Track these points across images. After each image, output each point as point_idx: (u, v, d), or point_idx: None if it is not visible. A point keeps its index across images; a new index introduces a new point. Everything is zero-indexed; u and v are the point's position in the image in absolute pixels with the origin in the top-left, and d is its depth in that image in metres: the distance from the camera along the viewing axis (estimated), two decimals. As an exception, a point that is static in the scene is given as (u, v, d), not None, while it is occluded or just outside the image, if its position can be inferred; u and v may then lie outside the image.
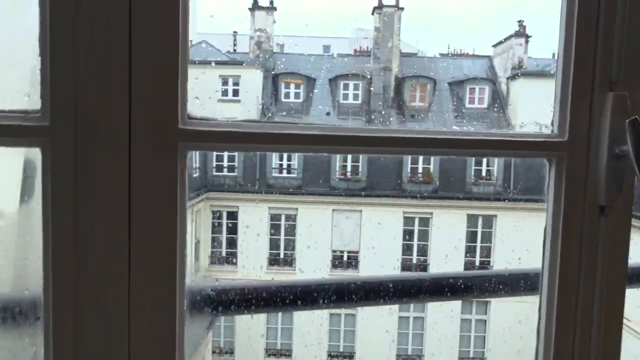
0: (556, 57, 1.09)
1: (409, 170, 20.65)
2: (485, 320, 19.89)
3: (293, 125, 0.91)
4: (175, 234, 0.88)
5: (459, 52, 25.28)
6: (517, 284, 1.28)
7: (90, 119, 0.83)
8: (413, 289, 1.20)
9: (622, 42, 1.07)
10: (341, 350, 20.02)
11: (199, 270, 18.92)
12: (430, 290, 1.20)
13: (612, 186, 1.07)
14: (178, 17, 0.84)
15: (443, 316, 19.39)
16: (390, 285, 1.15)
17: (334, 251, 20.25)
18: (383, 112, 21.74)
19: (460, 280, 1.22)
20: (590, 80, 1.07)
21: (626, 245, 1.13)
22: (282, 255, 20.57)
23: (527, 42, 21.40)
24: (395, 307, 19.68)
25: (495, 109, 21.49)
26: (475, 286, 1.25)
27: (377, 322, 19.32)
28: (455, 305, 19.73)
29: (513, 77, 21.06)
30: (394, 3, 22.10)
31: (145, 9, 0.83)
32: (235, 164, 20.34)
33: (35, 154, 0.84)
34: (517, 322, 19.00)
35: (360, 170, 20.87)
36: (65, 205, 0.83)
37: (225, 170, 20.57)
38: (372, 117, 21.65)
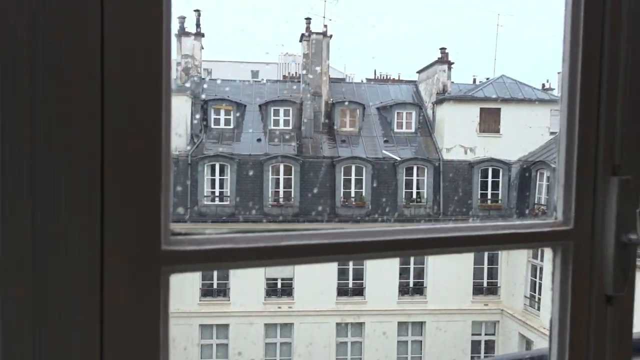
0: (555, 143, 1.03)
1: (342, 195, 20.79)
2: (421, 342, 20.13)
3: (292, 235, 0.79)
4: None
5: (385, 77, 25.96)
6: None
7: (51, 248, 0.67)
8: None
9: (624, 125, 1.03)
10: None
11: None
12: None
13: (619, 275, 1.02)
14: (161, 112, 0.70)
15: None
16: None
17: (268, 279, 19.94)
18: (314, 138, 21.87)
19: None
20: (593, 165, 1.02)
21: (630, 333, 1.08)
22: (215, 286, 20.03)
23: (449, 68, 22.25)
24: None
25: (423, 133, 22.12)
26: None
27: None
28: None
29: (438, 102, 21.80)
30: (321, 30, 22.42)
31: (119, 115, 0.69)
32: (164, 192, 19.69)
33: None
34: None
35: (293, 196, 20.79)
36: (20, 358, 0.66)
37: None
38: (304, 142, 21.72)
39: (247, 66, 30.66)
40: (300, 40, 22.78)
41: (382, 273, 19.51)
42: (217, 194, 21.06)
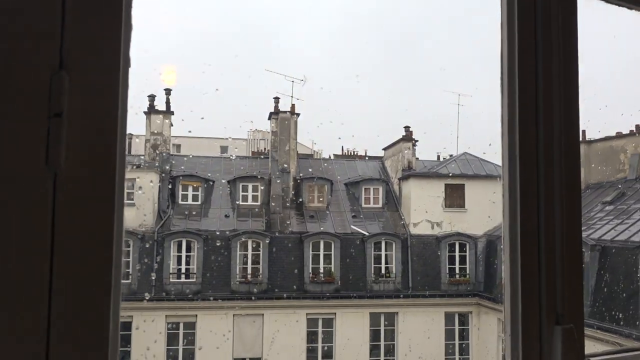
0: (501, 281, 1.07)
1: (310, 270, 20.60)
2: None
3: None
4: None
5: (352, 154, 26.51)
6: None
7: None
8: None
9: (564, 273, 1.08)
10: None
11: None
12: None
13: None
14: (108, 312, 0.72)
15: None
16: None
17: (235, 359, 19.29)
18: (282, 214, 21.89)
19: None
20: (538, 314, 1.06)
21: None
22: (179, 366, 19.24)
23: (414, 145, 22.91)
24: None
25: (390, 208, 22.41)
26: None
27: None
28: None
29: (404, 178, 22.26)
30: (289, 109, 22.98)
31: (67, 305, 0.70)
32: (129, 269, 19.23)
33: None
34: None
35: (261, 272, 20.50)
36: None
37: (117, 278, 19.27)
38: (272, 218, 21.70)
39: (216, 142, 30.94)
40: (269, 118, 23.27)
41: (352, 351, 19.11)
42: (183, 270, 20.62)
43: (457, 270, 21.17)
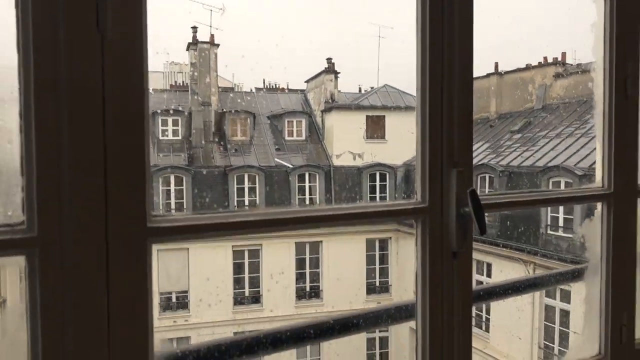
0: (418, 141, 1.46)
1: (235, 203, 20.89)
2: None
3: (237, 214, 1.13)
4: (147, 315, 1.05)
5: (274, 87, 26.44)
6: (399, 314, 1.62)
7: (73, 226, 0.97)
8: (324, 329, 1.47)
9: (459, 134, 1.48)
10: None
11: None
12: (338, 329, 1.49)
13: (460, 237, 1.46)
14: (143, 143, 1.02)
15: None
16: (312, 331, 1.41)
17: (161, 293, 19.54)
18: (205, 148, 21.82)
19: (360, 319, 1.53)
20: (440, 161, 1.46)
21: (470, 279, 1.53)
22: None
23: (336, 77, 23.18)
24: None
25: (313, 141, 22.87)
26: (369, 320, 1.58)
27: None
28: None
29: (326, 110, 22.66)
30: (208, 39, 22.45)
31: (117, 132, 1.00)
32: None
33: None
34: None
35: (185, 207, 20.58)
36: (53, 306, 0.95)
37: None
38: (194, 152, 21.60)
39: (132, 76, 29.60)
40: (187, 49, 22.64)
41: (278, 279, 19.81)
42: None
43: (377, 199, 22.13)
